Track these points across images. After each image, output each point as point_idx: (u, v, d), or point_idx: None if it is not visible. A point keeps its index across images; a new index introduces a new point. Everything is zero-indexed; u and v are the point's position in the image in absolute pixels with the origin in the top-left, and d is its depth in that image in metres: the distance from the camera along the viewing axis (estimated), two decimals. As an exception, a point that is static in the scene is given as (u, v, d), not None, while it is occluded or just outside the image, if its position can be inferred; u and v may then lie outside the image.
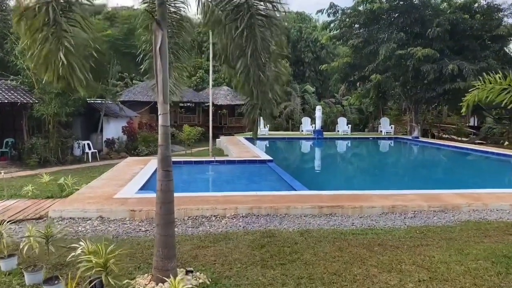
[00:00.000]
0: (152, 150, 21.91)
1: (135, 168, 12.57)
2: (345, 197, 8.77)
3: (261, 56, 4.77)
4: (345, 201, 8.40)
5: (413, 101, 27.71)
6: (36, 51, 4.12)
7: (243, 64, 4.85)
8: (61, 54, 4.04)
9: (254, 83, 4.79)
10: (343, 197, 8.76)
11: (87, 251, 4.19)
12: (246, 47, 4.72)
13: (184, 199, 8.38)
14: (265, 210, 8.01)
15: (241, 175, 12.86)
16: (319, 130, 25.96)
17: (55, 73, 4.17)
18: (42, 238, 4.92)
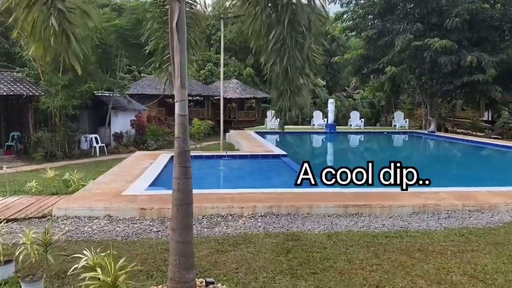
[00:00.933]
0: (161, 144, 21.39)
1: (144, 162, 12.00)
2: (371, 195, 8.10)
3: (298, 27, 4.10)
4: (372, 200, 7.75)
5: (429, 94, 26.86)
6: (22, 15, 3.42)
7: (277, 36, 4.17)
8: (52, 19, 3.36)
9: (289, 60, 4.12)
10: (369, 195, 8.09)
11: (92, 263, 3.57)
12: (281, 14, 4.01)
13: (198, 197, 7.75)
14: (285, 209, 7.39)
15: (255, 171, 12.24)
16: (332, 124, 25.24)
17: (45, 46, 3.50)
18: (40, 246, 4.30)
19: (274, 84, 4.78)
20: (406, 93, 32.47)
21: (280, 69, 4.29)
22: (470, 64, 21.54)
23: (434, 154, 20.16)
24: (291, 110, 4.85)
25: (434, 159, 17.76)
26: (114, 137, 20.51)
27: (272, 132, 25.63)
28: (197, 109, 29.80)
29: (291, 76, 4.30)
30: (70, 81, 17.13)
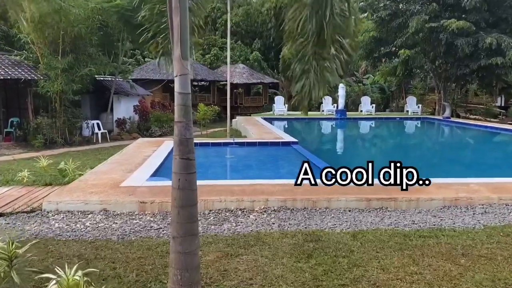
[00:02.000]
0: (165, 131, 20.66)
1: (147, 150, 11.26)
2: (394, 188, 7.30)
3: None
4: (397, 193, 6.95)
5: (443, 78, 25.83)
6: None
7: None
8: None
9: (325, 17, 3.31)
10: (392, 188, 7.29)
11: (65, 286, 2.82)
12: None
13: (204, 189, 7.01)
14: (301, 202, 6.63)
15: (265, 159, 11.46)
16: (343, 109, 24.36)
17: None
18: (4, 259, 3.48)
19: (299, 56, 3.96)
20: (418, 77, 31.39)
21: (313, 26, 3.45)
22: (489, 46, 20.48)
23: (453, 141, 19.18)
24: (318, 89, 4.02)
25: (453, 146, 16.79)
26: (117, 123, 19.80)
27: (280, 118, 24.84)
28: (202, 94, 28.95)
29: (325, 38, 3.48)
30: (70, 64, 16.38)
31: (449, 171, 10.90)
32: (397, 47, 24.30)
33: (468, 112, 30.34)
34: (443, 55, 23.62)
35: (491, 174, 9.50)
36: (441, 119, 23.35)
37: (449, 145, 17.48)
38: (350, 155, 14.28)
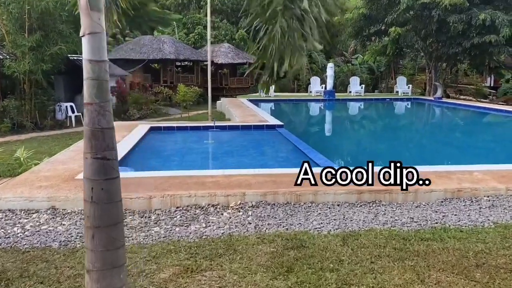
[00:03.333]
0: (145, 113, 19.60)
1: (117, 135, 10.23)
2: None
3: None
4: (392, 183, 6.13)
5: (434, 58, 25.00)
6: None
7: None
8: None
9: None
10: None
11: None
12: None
13: (173, 181, 6.12)
14: (283, 197, 5.76)
15: (247, 144, 10.54)
16: (331, 90, 23.44)
17: None
18: None
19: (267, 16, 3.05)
20: (409, 57, 30.56)
21: None
22: (482, 23, 19.65)
23: (447, 123, 18.30)
24: (288, 57, 3.19)
25: (448, 129, 15.92)
26: (93, 106, 18.63)
27: (266, 100, 23.84)
28: (185, 75, 27.71)
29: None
30: (38, 42, 15.15)
31: (446, 156, 10.14)
32: (388, 25, 23.34)
33: (458, 93, 29.70)
34: (434, 33, 22.73)
35: (491, 159, 8.80)
36: (432, 100, 22.59)
37: (443, 128, 16.63)
38: (338, 139, 13.44)
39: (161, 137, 11.07)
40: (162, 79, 25.84)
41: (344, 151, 11.24)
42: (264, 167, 8.02)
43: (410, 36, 23.45)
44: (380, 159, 9.88)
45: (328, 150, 10.57)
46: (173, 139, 11.05)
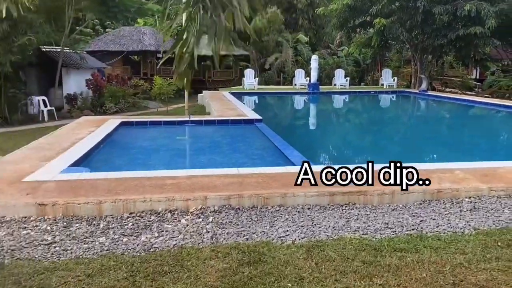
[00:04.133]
0: (122, 107, 18.97)
1: (83, 131, 9.68)
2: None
3: None
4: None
5: (419, 50, 24.67)
6: None
7: None
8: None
9: None
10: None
11: None
12: None
13: (129, 183, 5.60)
14: (249, 200, 5.27)
15: (221, 141, 10.01)
16: (315, 83, 22.99)
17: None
18: None
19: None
20: (394, 49, 30.21)
21: None
22: (468, 14, 19.30)
23: (431, 117, 17.86)
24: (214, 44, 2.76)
25: (431, 123, 15.48)
26: (67, 100, 17.95)
27: (250, 93, 23.35)
28: (167, 67, 26.97)
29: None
30: (5, 32, 14.42)
31: (428, 153, 9.75)
32: (373, 16, 22.89)
33: (444, 85, 29.48)
34: (420, 25, 22.35)
35: (475, 154, 8.40)
36: (417, 93, 22.28)
37: (427, 122, 16.10)
38: (318, 134, 12.98)
39: (131, 133, 10.51)
40: (142, 71, 25.13)
41: (323, 147, 10.78)
42: (236, 166, 7.52)
43: (395, 28, 23.03)
44: (360, 156, 9.48)
45: (307, 146, 10.14)
46: (144, 135, 10.49)
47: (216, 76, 29.98)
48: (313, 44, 37.35)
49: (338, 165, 8.14)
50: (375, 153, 9.82)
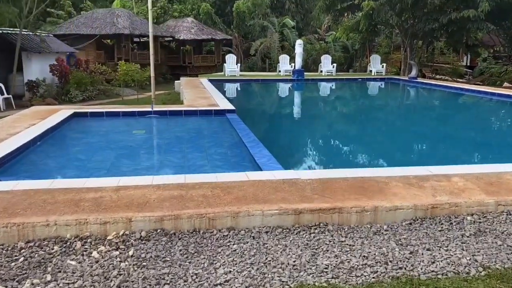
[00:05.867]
0: (89, 95, 17.50)
1: (24, 124, 8.34)
2: (341, 185, 4.85)
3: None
4: (344, 195, 4.50)
5: (409, 35, 23.47)
6: None
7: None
8: None
9: None
10: (338, 185, 4.83)
11: None
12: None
13: (37, 197, 4.33)
14: (189, 222, 4.04)
15: (182, 136, 8.68)
16: (300, 70, 21.69)
17: None
18: None
19: None
20: (383, 34, 28.98)
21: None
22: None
23: (422, 107, 16.42)
24: None
25: (423, 114, 14.01)
26: (28, 87, 16.44)
27: (230, 80, 21.99)
28: (143, 52, 25.46)
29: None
30: None
31: (419, 150, 8.56)
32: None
33: (434, 72, 28.40)
34: (410, 8, 21.14)
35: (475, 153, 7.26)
36: (406, 80, 21.13)
37: (416, 112, 14.82)
38: (297, 127, 11.71)
39: (81, 126, 9.18)
40: (116, 56, 23.57)
41: (296, 142, 9.54)
42: (191, 169, 6.29)
43: (384, 11, 21.75)
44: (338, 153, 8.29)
45: (282, 142, 8.92)
46: (95, 129, 9.16)
47: (197, 61, 28.51)
48: (300, 29, 35.95)
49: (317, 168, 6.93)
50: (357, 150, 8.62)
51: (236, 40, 30.86)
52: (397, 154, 8.26)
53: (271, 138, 9.10)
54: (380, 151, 8.40)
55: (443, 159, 7.46)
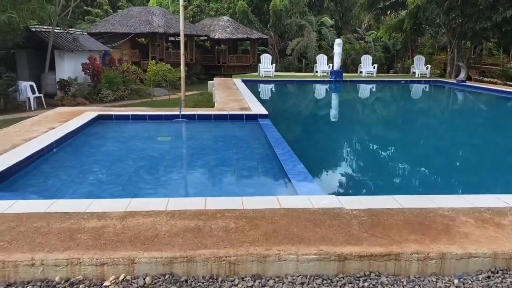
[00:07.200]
0: (121, 94, 17.16)
1: (42, 128, 7.83)
2: (396, 219, 3.92)
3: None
4: (400, 235, 3.57)
5: (457, 34, 21.92)
6: None
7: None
8: None
9: None
10: (392, 219, 3.91)
11: None
12: None
13: (29, 225, 3.65)
14: (204, 266, 3.24)
15: (209, 145, 7.86)
16: (338, 70, 20.62)
17: None
18: None
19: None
20: (428, 33, 27.36)
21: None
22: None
23: (479, 115, 14.22)
24: None
25: (482, 123, 12.19)
26: (60, 86, 16.23)
27: (264, 81, 21.20)
28: (177, 51, 25.02)
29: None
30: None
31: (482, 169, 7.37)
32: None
33: (482, 74, 26.54)
34: (460, 5, 19.63)
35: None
36: (454, 83, 19.62)
37: (473, 121, 12.75)
38: (335, 134, 10.68)
39: (103, 131, 8.58)
40: (150, 55, 23.25)
41: (339, 155, 8.57)
42: (213, 187, 5.51)
43: (431, 9, 20.32)
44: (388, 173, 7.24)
45: (318, 154, 8.01)
46: (118, 134, 8.54)
47: (232, 61, 27.89)
48: (338, 28, 34.68)
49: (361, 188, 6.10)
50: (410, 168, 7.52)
51: (272, 39, 30.03)
52: (457, 174, 7.15)
53: (306, 148, 8.21)
54: (436, 169, 7.30)
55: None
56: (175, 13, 28.00)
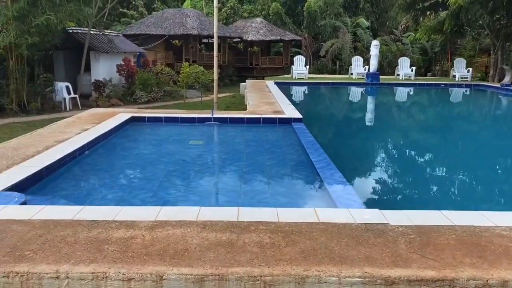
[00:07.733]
0: (155, 96, 17.22)
1: (75, 129, 7.82)
2: (448, 238, 3.55)
3: None
4: (454, 257, 3.22)
5: (502, 36, 20.94)
6: None
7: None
8: None
9: None
10: (443, 238, 3.54)
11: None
12: None
13: (56, 233, 3.51)
14: (237, 285, 3.00)
15: (241, 150, 7.63)
16: (375, 73, 20.05)
17: None
18: None
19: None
20: (469, 35, 26.30)
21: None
22: None
23: None
24: None
25: None
26: (95, 87, 16.45)
27: (298, 83, 20.89)
28: (210, 53, 25.04)
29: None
30: (23, 11, 13.01)
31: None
32: (447, -5, 19.53)
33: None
34: (506, 5, 18.72)
35: None
36: (499, 87, 18.69)
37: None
38: (374, 140, 10.24)
39: (135, 133, 8.52)
40: (184, 57, 23.34)
41: (379, 163, 8.15)
42: (245, 197, 5.26)
43: (474, 10, 19.48)
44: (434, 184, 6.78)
45: (357, 162, 7.63)
46: (151, 137, 8.46)
47: (265, 63, 27.69)
48: (374, 30, 33.92)
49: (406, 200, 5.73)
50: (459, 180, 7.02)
51: (306, 40, 29.65)
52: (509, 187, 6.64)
53: (342, 155, 7.86)
54: (485, 181, 6.82)
55: None
56: (209, 15, 28.07)
